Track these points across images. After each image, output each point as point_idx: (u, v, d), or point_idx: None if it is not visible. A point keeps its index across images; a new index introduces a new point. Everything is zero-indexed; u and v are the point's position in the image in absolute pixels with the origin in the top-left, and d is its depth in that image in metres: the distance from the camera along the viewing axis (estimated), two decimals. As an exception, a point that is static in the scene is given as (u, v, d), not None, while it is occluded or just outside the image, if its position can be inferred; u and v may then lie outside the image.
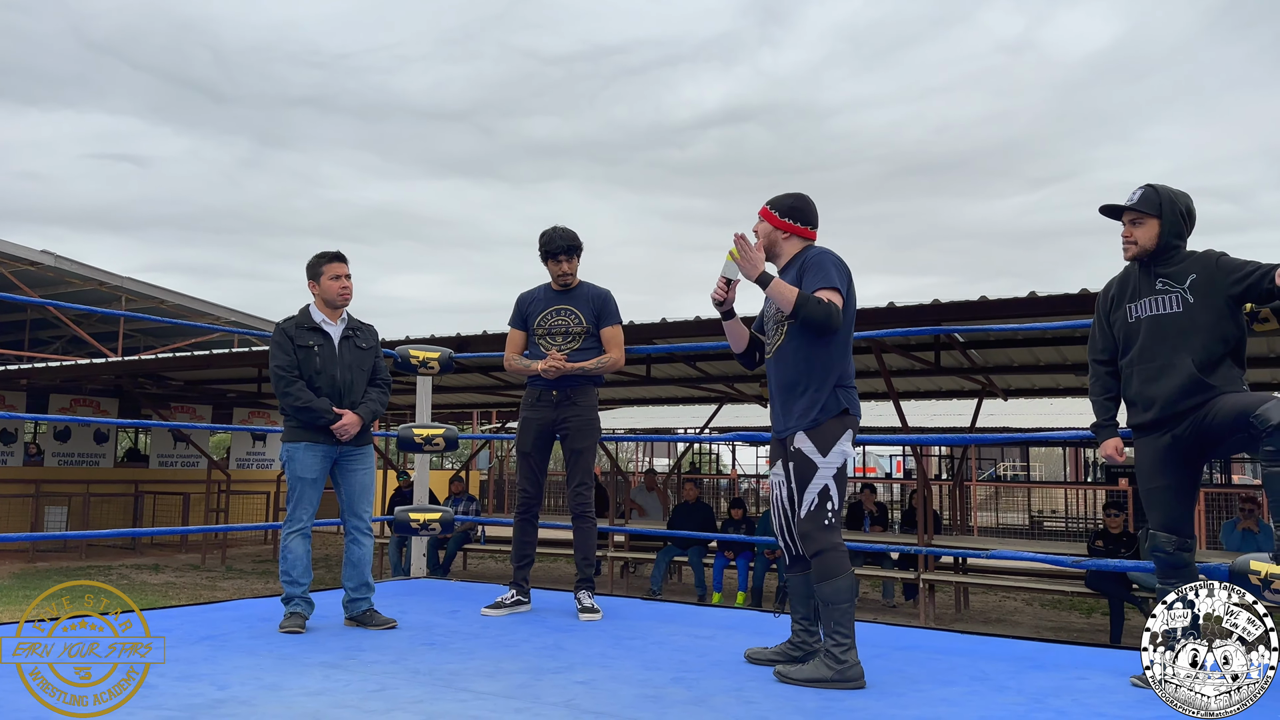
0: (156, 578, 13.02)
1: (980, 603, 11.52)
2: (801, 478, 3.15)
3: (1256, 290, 2.97)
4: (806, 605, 3.34)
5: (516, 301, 4.54)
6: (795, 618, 3.38)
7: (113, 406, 17.50)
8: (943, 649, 3.68)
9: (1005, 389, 13.19)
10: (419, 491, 5.97)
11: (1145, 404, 3.11)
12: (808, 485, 3.14)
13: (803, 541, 3.15)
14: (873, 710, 2.75)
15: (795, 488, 3.17)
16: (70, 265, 17.34)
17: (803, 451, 3.15)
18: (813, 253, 3.28)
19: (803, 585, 3.34)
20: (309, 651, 3.41)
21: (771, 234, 3.35)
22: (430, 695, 2.81)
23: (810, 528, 3.12)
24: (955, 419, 19.99)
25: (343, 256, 4.11)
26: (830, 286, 3.16)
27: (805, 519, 3.14)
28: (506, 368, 4.53)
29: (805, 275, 3.21)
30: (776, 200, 3.37)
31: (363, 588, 4.00)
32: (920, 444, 6.16)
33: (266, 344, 12.51)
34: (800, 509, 3.15)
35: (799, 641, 3.34)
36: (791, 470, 3.18)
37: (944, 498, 16.36)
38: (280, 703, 2.69)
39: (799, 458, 3.16)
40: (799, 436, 3.16)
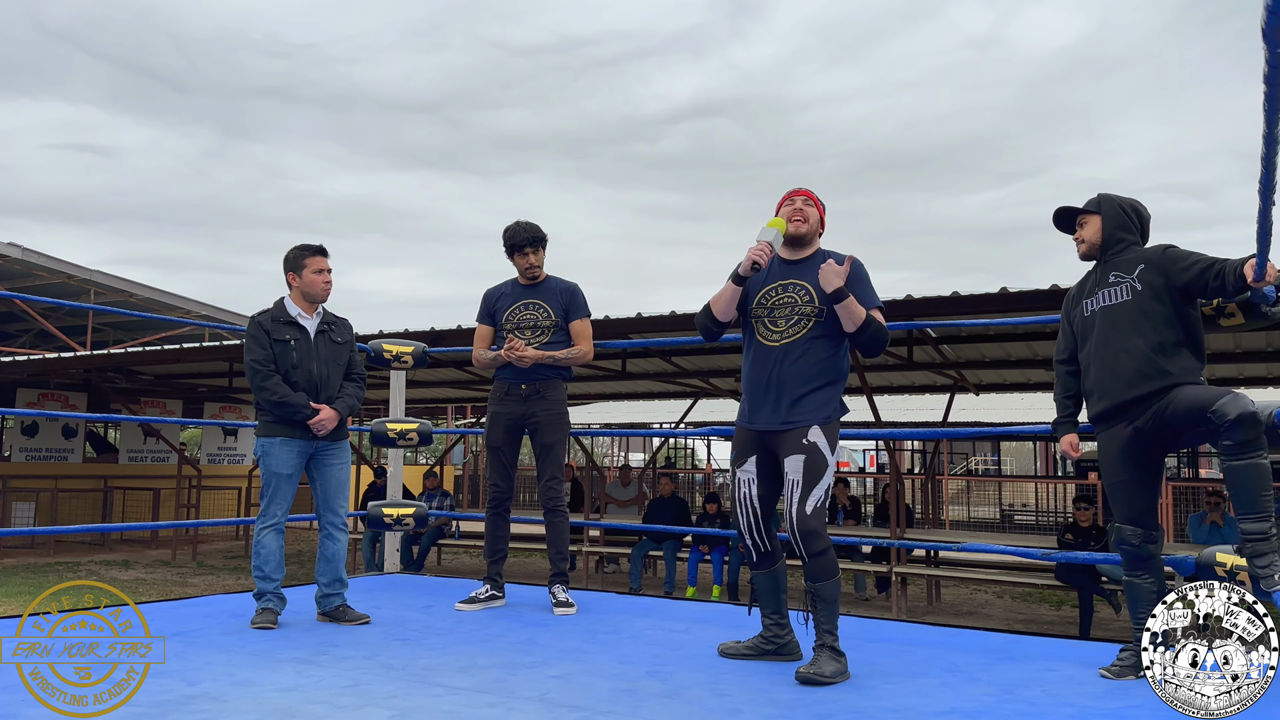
0: (126, 574, 12.88)
1: (952, 595, 11.63)
2: (814, 472, 3.09)
3: (1201, 283, 2.99)
4: (776, 600, 3.33)
5: (484, 297, 4.53)
6: (766, 612, 3.36)
7: (81, 401, 17.30)
8: (915, 641, 3.71)
9: (977, 384, 13.31)
10: (393, 486, 5.94)
11: (1102, 390, 3.15)
12: (819, 481, 3.08)
13: (808, 539, 3.07)
14: (845, 702, 2.77)
15: (802, 482, 3.09)
16: (38, 258, 17.09)
17: (818, 446, 3.10)
18: (844, 258, 3.24)
19: (769, 581, 3.34)
20: (281, 647, 3.39)
21: (817, 220, 3.35)
22: (404, 691, 2.80)
23: (818, 524, 3.06)
24: (928, 413, 20.14)
25: (325, 250, 4.08)
26: (879, 305, 3.23)
27: (813, 515, 3.06)
28: (474, 362, 4.52)
29: (856, 286, 3.19)
30: (816, 195, 3.39)
31: (336, 583, 3.98)
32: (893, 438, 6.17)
33: (238, 338, 12.41)
34: (808, 504, 3.07)
35: (771, 635, 3.34)
36: (802, 463, 3.09)
37: (916, 491, 16.48)
38: (252, 699, 2.68)
39: (813, 451, 3.10)
40: (814, 430, 3.12)
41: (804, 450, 3.10)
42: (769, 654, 3.31)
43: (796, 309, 3.22)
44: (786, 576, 3.41)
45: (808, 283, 3.23)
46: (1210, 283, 2.96)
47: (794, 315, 3.21)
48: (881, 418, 10.64)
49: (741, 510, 3.30)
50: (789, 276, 3.28)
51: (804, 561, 3.11)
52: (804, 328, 3.19)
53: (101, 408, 17.93)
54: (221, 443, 19.98)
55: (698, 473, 25.65)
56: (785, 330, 3.21)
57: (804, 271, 3.27)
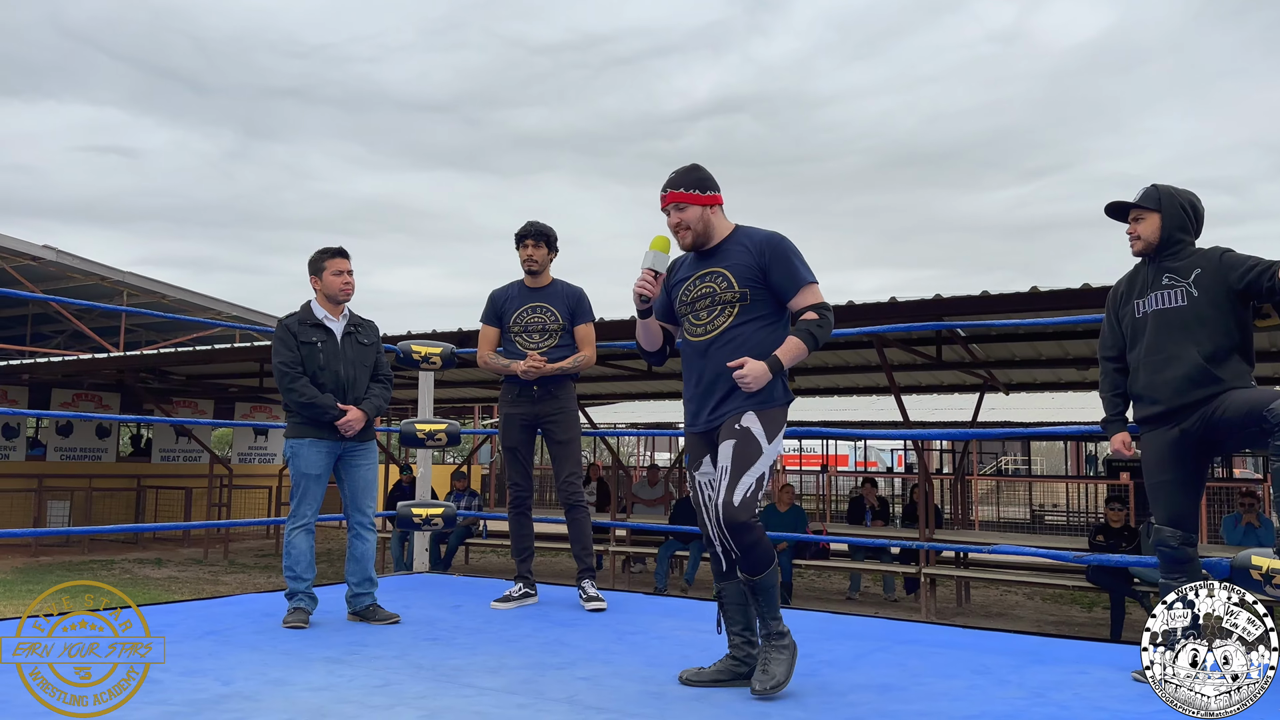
0: (159, 572, 13.04)
1: (981, 597, 11.54)
2: (744, 458, 2.84)
3: (1258, 286, 2.98)
4: (746, 615, 3.04)
5: (489, 298, 4.55)
6: (734, 630, 3.05)
7: (115, 401, 17.54)
8: (944, 643, 3.69)
9: (1007, 383, 13.20)
10: (421, 487, 5.98)
11: (1152, 397, 3.12)
12: (749, 468, 2.84)
13: (736, 532, 2.82)
14: (875, 704, 2.76)
15: (731, 468, 2.84)
16: (72, 260, 17.34)
17: (751, 431, 2.88)
18: (766, 236, 3.02)
19: (739, 594, 3.04)
20: (313, 647, 3.42)
21: (704, 215, 3.05)
22: (434, 691, 2.82)
23: (746, 516, 2.82)
24: (957, 413, 19.98)
25: (345, 252, 4.11)
26: (812, 281, 2.99)
27: (740, 505, 2.81)
28: (480, 364, 4.54)
29: (773, 270, 2.96)
30: (684, 179, 3.05)
31: (366, 583, 4.02)
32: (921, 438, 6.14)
33: (268, 339, 12.54)
34: (735, 493, 2.81)
35: (742, 656, 3.02)
36: (732, 449, 2.86)
37: (945, 492, 16.37)
38: (284, 698, 2.70)
39: (745, 436, 2.87)
40: (748, 415, 2.89)
41: (735, 435, 2.88)
42: (741, 678, 2.97)
43: (717, 298, 3.01)
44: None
45: (724, 268, 3.01)
46: (1265, 284, 2.94)
47: (715, 305, 3.01)
48: (910, 417, 10.57)
49: (703, 515, 3.04)
50: (704, 267, 3.07)
51: (736, 557, 2.88)
52: (728, 316, 2.98)
53: (135, 408, 18.18)
54: (252, 442, 20.20)
55: (724, 472, 25.54)
56: (709, 323, 3.01)
57: (720, 257, 3.05)
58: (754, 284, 2.98)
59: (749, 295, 2.98)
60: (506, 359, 4.40)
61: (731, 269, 3.00)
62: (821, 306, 2.97)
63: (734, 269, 3.00)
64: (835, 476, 25.27)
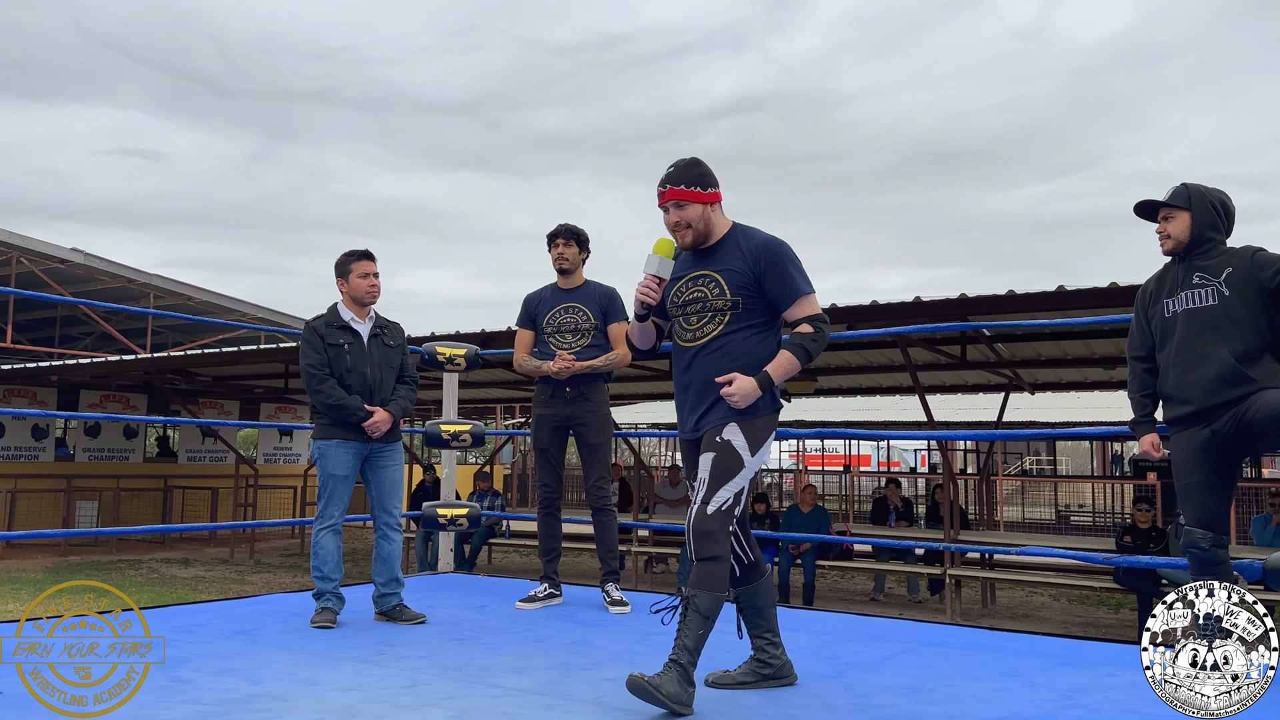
0: (186, 572, 13.17)
1: (1006, 598, 11.46)
2: (724, 470, 2.76)
3: None
4: (767, 617, 3.00)
5: (524, 302, 4.58)
6: (756, 632, 3.02)
7: (142, 402, 17.72)
8: (971, 645, 3.67)
9: (1032, 383, 13.10)
10: (446, 488, 6.01)
11: (1182, 397, 3.09)
12: (729, 480, 2.76)
13: (700, 540, 2.73)
14: (902, 706, 2.75)
15: (709, 480, 2.76)
16: (99, 263, 17.54)
17: (732, 444, 2.79)
18: (763, 240, 2.89)
19: (765, 594, 3.01)
20: (341, 646, 3.44)
21: (705, 213, 2.93)
22: (461, 691, 2.83)
23: (716, 528, 2.72)
24: (981, 413, 19.86)
25: (371, 255, 4.14)
26: (809, 292, 2.86)
27: (713, 516, 2.73)
28: (516, 368, 4.57)
29: (767, 278, 2.85)
30: (684, 174, 2.92)
31: (392, 583, 4.04)
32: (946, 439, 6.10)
33: (293, 340, 12.63)
34: (711, 504, 2.74)
35: (766, 659, 3.00)
36: (711, 460, 2.78)
37: (969, 492, 16.26)
38: (313, 698, 2.73)
39: (725, 449, 2.78)
40: (730, 427, 2.80)
41: (715, 447, 2.80)
42: (767, 679, 2.97)
43: (707, 304, 2.90)
44: (774, 590, 3.09)
45: (716, 272, 2.89)
46: None
47: (705, 312, 2.90)
48: (934, 417, 10.51)
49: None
50: (697, 268, 2.95)
51: (692, 563, 2.77)
52: (718, 324, 2.88)
53: (161, 409, 18.36)
54: (277, 442, 20.35)
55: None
56: (698, 329, 2.91)
57: (713, 260, 2.93)
58: (746, 292, 2.87)
59: (741, 304, 2.87)
60: (540, 360, 4.43)
61: (724, 274, 2.88)
62: (817, 319, 2.85)
63: (727, 274, 2.88)
64: (858, 477, 25.17)
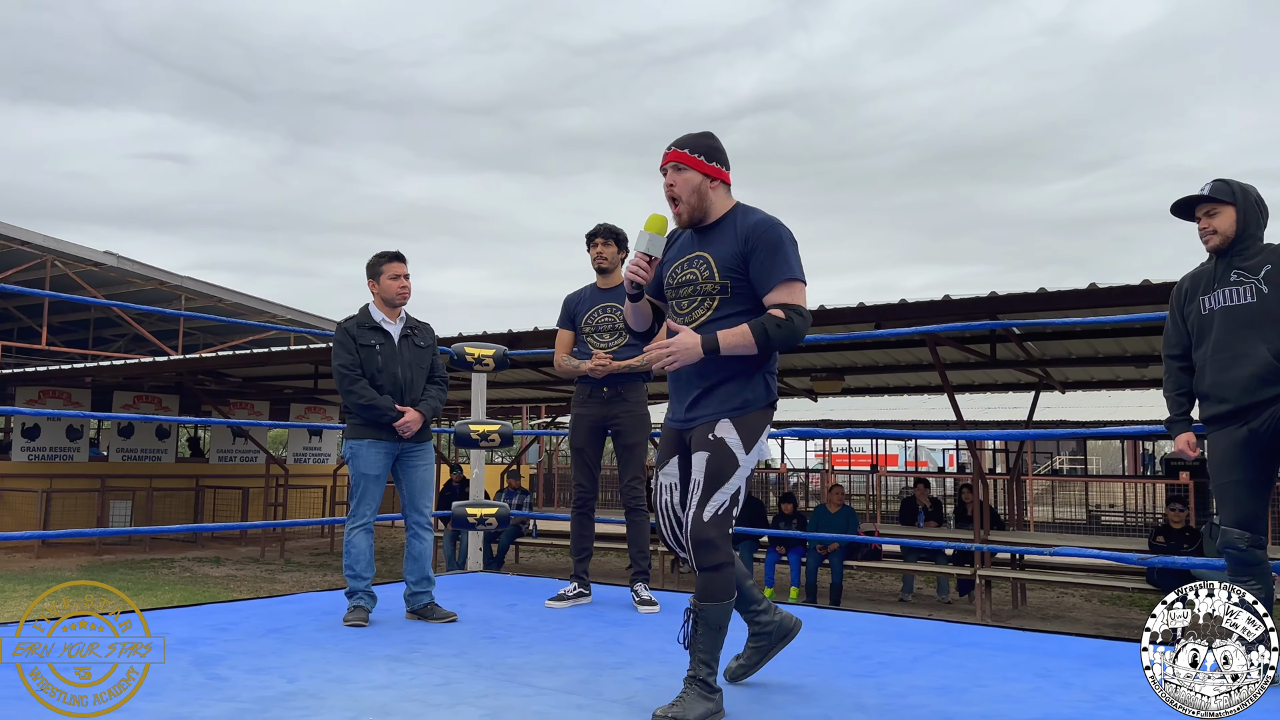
0: (218, 570, 13.31)
1: (1037, 599, 11.36)
2: (717, 473, 2.62)
3: None
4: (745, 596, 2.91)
5: (564, 302, 4.60)
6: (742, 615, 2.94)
7: (174, 403, 17.94)
8: (1003, 646, 3.64)
9: (1062, 381, 12.98)
10: (475, 487, 6.04)
11: (1219, 396, 3.05)
12: (723, 483, 2.62)
13: (700, 550, 2.61)
14: (935, 707, 2.73)
15: (704, 483, 2.63)
16: (131, 265, 17.79)
17: (725, 442, 2.64)
18: (757, 224, 2.70)
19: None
20: (374, 645, 3.47)
21: (701, 185, 2.75)
22: (494, 690, 2.85)
23: (715, 534, 2.60)
24: (1011, 412, 19.69)
25: (402, 256, 4.17)
26: (794, 278, 2.65)
27: (710, 523, 2.60)
28: (556, 368, 4.59)
29: (754, 258, 2.66)
30: (691, 140, 2.78)
31: (424, 581, 4.07)
32: (975, 439, 6.05)
33: (322, 341, 12.73)
34: (707, 510, 2.61)
35: (760, 629, 2.98)
36: (705, 462, 2.64)
37: (998, 492, 16.13)
38: (348, 696, 2.75)
39: (719, 449, 2.64)
40: (723, 424, 2.66)
41: (708, 447, 2.65)
42: (775, 645, 2.97)
43: (698, 287, 2.75)
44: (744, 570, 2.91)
45: (709, 254, 2.73)
46: None
47: (696, 295, 2.75)
48: (963, 416, 10.44)
49: (661, 520, 2.86)
50: (694, 249, 2.79)
51: (695, 573, 2.65)
52: (707, 309, 2.72)
53: (193, 410, 18.57)
54: (307, 442, 20.53)
55: (771, 472, 25.50)
56: (688, 314, 2.76)
57: (709, 241, 2.77)
58: (735, 274, 2.70)
59: (729, 287, 2.70)
60: (578, 360, 4.45)
61: (716, 256, 2.72)
62: (793, 309, 2.62)
63: (718, 256, 2.72)
64: (885, 477, 25.04)
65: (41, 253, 16.68)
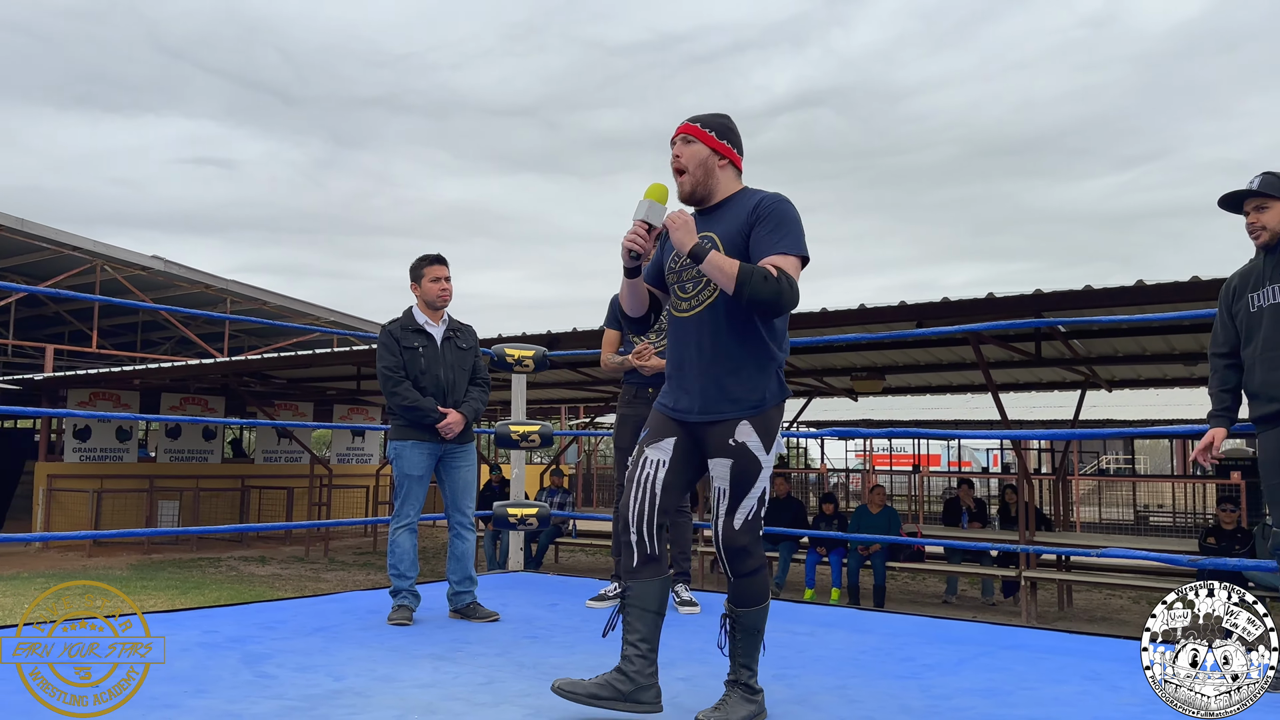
0: (263, 569, 13.50)
1: (1084, 601, 11.19)
2: (744, 478, 2.56)
3: None
4: (650, 624, 2.60)
5: (611, 301, 4.60)
6: (631, 638, 2.60)
7: (220, 404, 18.23)
8: (1050, 648, 3.59)
9: (1109, 380, 12.77)
10: (516, 487, 6.07)
11: (1269, 394, 2.99)
12: (750, 488, 2.57)
13: (735, 557, 2.57)
14: (981, 709, 2.70)
15: (730, 491, 2.57)
16: (178, 269, 18.11)
17: (748, 446, 2.57)
18: (766, 197, 2.61)
19: (653, 595, 2.61)
20: (418, 644, 3.50)
21: (708, 160, 2.67)
22: (536, 690, 2.86)
23: (748, 540, 2.57)
24: (1056, 411, 19.43)
25: (443, 259, 4.20)
26: (793, 252, 2.54)
27: (742, 529, 2.56)
28: (603, 366, 4.60)
29: (760, 226, 2.56)
30: (705, 117, 2.69)
31: (466, 581, 4.10)
32: (1020, 439, 5.97)
33: (364, 343, 12.87)
34: (737, 516, 2.56)
35: (634, 671, 2.57)
36: (729, 469, 2.56)
37: (1044, 492, 15.92)
38: (394, 694, 2.78)
39: (742, 454, 2.56)
40: (743, 428, 2.56)
41: (731, 453, 2.57)
42: (624, 700, 2.55)
43: (692, 271, 2.65)
44: (669, 593, 2.69)
45: (717, 234, 2.62)
46: None
47: (701, 277, 2.62)
48: (1008, 416, 10.32)
49: (638, 493, 2.62)
50: (699, 230, 2.66)
51: (729, 581, 2.62)
52: (714, 290, 2.60)
53: (239, 411, 18.87)
54: (350, 443, 20.76)
55: (811, 472, 25.37)
56: (694, 296, 2.64)
57: (715, 221, 2.66)
58: (743, 255, 2.59)
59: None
60: (622, 357, 4.45)
61: (723, 235, 2.61)
62: (786, 275, 2.48)
63: (726, 236, 2.61)
64: (928, 477, 24.80)
65: (91, 258, 17.04)
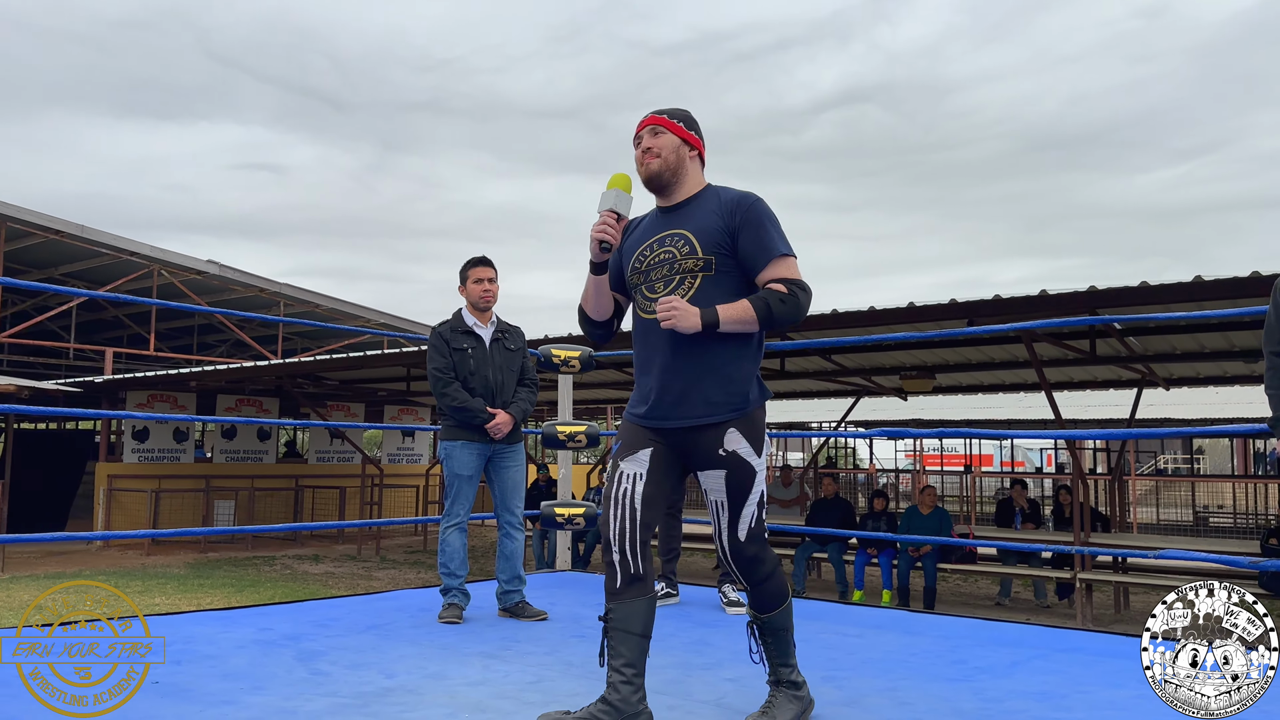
0: (316, 568, 13.72)
1: (1141, 603, 10.96)
2: (740, 487, 2.48)
3: None
4: (636, 648, 2.43)
5: None
6: (616, 664, 2.42)
7: (274, 406, 18.55)
8: (1106, 651, 3.53)
9: (1167, 378, 12.50)
10: (563, 487, 6.10)
11: None
12: (748, 496, 2.49)
13: (749, 567, 2.52)
14: (1035, 713, 2.67)
15: (730, 501, 2.48)
16: (233, 273, 18.47)
17: (739, 454, 2.47)
18: (742, 198, 2.53)
19: (638, 617, 2.44)
20: (468, 642, 3.54)
21: (680, 149, 2.59)
22: (585, 689, 2.87)
23: (755, 549, 2.51)
24: (1112, 410, 19.05)
25: (487, 261, 4.24)
26: (787, 253, 2.48)
27: (748, 539, 2.50)
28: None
29: (744, 233, 2.48)
30: (670, 110, 2.63)
31: (515, 580, 4.13)
32: (1075, 439, 5.86)
33: (414, 345, 13.03)
34: (740, 528, 2.49)
35: (618, 700, 2.39)
36: (724, 481, 2.47)
37: (1099, 493, 15.62)
38: (445, 692, 2.81)
39: (734, 464, 2.47)
40: (731, 435, 2.47)
41: (722, 464, 2.47)
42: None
43: (676, 266, 2.51)
44: (655, 614, 2.50)
45: (688, 230, 2.52)
46: None
47: (674, 275, 2.51)
48: (1062, 415, 10.14)
49: (616, 511, 2.48)
50: (665, 228, 2.57)
51: (747, 590, 2.57)
52: (688, 288, 2.49)
53: (292, 412, 19.19)
54: (400, 443, 21.02)
55: (859, 472, 25.16)
56: (666, 295, 2.51)
57: (684, 218, 2.56)
58: (720, 251, 2.49)
59: (714, 264, 2.49)
60: None
61: (696, 232, 2.51)
62: (795, 283, 2.45)
63: (699, 232, 2.51)
64: (980, 477, 24.46)
65: (149, 263, 17.44)
